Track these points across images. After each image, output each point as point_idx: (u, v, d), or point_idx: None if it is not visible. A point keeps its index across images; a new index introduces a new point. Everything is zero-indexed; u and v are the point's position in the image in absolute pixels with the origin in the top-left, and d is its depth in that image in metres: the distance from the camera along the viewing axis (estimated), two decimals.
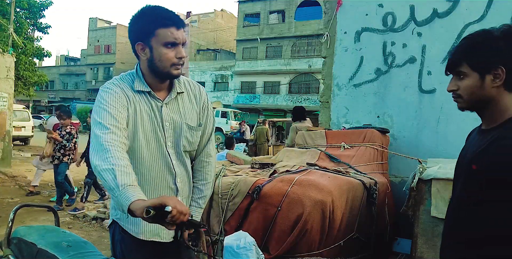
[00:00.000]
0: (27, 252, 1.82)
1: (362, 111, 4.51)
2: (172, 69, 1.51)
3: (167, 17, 1.45)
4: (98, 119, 1.40)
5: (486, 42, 1.24)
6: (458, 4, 3.96)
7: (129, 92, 1.51)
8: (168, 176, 1.57)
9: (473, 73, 1.26)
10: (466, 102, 1.31)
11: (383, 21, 4.41)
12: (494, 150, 1.19)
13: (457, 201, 1.34)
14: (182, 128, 1.59)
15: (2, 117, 8.64)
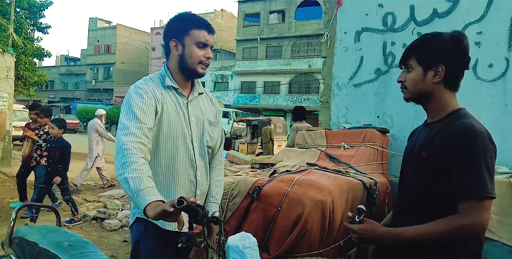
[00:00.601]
0: (29, 252, 1.83)
1: (362, 111, 4.52)
2: (199, 67, 1.66)
3: (201, 21, 1.64)
4: (123, 119, 1.52)
5: (435, 41, 1.41)
6: (458, 4, 3.97)
7: (158, 88, 1.64)
8: (190, 169, 1.67)
9: (418, 67, 1.41)
10: (410, 93, 1.45)
11: (383, 21, 4.42)
12: (439, 139, 1.33)
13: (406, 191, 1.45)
14: (205, 124, 1.73)
15: (2, 117, 8.64)
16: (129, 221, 5.44)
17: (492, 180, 1.24)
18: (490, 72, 3.73)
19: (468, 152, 1.25)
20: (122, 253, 4.11)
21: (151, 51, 39.93)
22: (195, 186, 1.69)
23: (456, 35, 1.40)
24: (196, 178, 1.68)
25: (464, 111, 1.40)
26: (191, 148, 1.67)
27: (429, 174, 1.34)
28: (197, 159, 1.69)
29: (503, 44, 3.70)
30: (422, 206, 1.36)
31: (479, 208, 1.21)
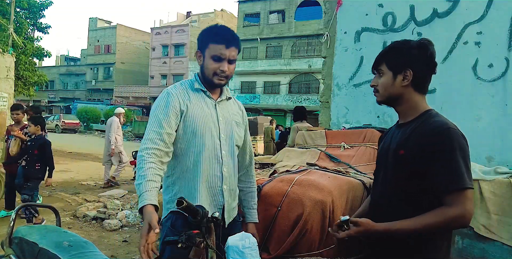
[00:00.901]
0: (29, 252, 1.83)
1: (362, 111, 4.51)
2: (215, 78, 1.78)
3: (222, 36, 1.75)
4: (149, 122, 1.72)
5: (403, 48, 1.52)
6: (458, 4, 3.97)
7: (186, 91, 1.81)
8: (216, 164, 1.78)
9: (389, 72, 1.52)
10: (381, 96, 1.56)
11: (383, 21, 4.42)
12: (414, 139, 1.43)
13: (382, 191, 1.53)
14: (232, 124, 1.88)
15: (2, 117, 8.64)
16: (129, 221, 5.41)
17: (469, 172, 1.34)
18: (490, 72, 3.73)
19: (445, 149, 1.34)
20: (122, 253, 4.11)
21: (151, 51, 39.92)
22: (221, 181, 1.78)
23: (422, 42, 1.50)
24: (222, 173, 1.78)
25: (434, 112, 1.51)
26: (218, 144, 1.78)
27: (406, 174, 1.42)
28: (224, 155, 1.80)
29: (503, 44, 3.69)
30: (399, 206, 1.43)
31: (464, 198, 1.31)
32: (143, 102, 38.57)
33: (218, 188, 1.78)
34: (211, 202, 1.76)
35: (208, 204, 1.74)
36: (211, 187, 1.76)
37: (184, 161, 1.76)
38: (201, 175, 1.74)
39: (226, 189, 1.80)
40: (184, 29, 38.05)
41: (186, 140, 1.75)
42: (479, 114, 3.68)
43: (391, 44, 1.58)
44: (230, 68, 1.78)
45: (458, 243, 2.55)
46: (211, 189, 1.77)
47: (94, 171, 10.07)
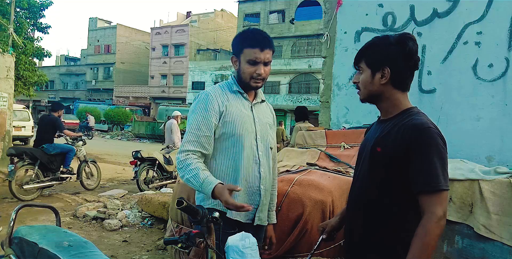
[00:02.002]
0: (29, 252, 1.83)
1: (362, 111, 4.52)
2: (252, 82, 1.84)
3: (255, 40, 1.80)
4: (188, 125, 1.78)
5: (381, 45, 1.48)
6: (458, 4, 3.97)
7: (225, 93, 1.86)
8: (254, 164, 1.83)
9: (367, 69, 1.50)
10: (363, 94, 1.54)
11: (383, 21, 4.42)
12: (393, 136, 1.41)
13: (360, 186, 1.52)
14: (267, 127, 1.93)
15: (2, 117, 8.64)
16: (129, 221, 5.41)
17: (445, 173, 1.32)
18: (490, 72, 3.73)
19: (421, 149, 1.32)
20: (122, 253, 4.11)
21: (151, 51, 39.92)
22: (259, 181, 1.84)
23: (401, 38, 1.45)
24: (260, 173, 1.84)
25: (416, 110, 1.47)
26: (255, 145, 1.84)
27: (383, 169, 1.41)
28: (261, 156, 1.85)
29: (503, 44, 3.69)
30: (377, 199, 1.43)
31: (439, 200, 1.28)
32: (143, 102, 38.57)
33: (256, 188, 1.83)
34: (248, 201, 1.80)
35: (245, 202, 1.77)
36: (249, 187, 1.81)
37: (223, 161, 1.81)
38: (241, 175, 1.79)
39: (263, 189, 1.85)
40: (184, 29, 38.04)
41: (225, 140, 1.79)
42: (479, 114, 3.68)
43: (371, 40, 1.55)
44: (266, 70, 1.82)
45: (458, 243, 2.55)
46: (249, 189, 1.81)
47: None
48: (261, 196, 1.85)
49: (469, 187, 2.53)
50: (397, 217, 1.39)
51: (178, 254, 3.26)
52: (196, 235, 1.39)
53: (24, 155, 6.33)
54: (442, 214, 1.27)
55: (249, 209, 1.53)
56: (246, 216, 1.82)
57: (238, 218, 1.79)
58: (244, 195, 1.80)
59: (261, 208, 1.87)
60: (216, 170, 1.81)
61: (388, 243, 1.39)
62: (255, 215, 1.86)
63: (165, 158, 7.93)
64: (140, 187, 7.40)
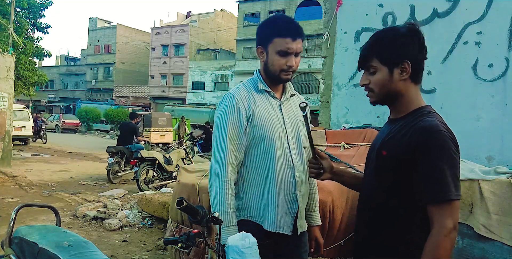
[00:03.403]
0: (29, 252, 1.83)
1: (362, 111, 4.52)
2: (282, 74, 1.67)
3: (286, 28, 1.64)
4: (217, 134, 1.67)
5: (394, 38, 1.34)
6: (458, 4, 3.97)
7: (250, 94, 1.71)
8: (287, 169, 1.68)
9: (383, 67, 1.34)
10: (378, 96, 1.39)
11: (383, 21, 4.42)
12: (399, 138, 1.30)
13: (369, 189, 1.43)
14: (298, 124, 1.76)
15: (2, 117, 8.64)
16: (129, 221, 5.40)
17: (456, 180, 1.21)
18: (490, 72, 3.73)
19: (430, 153, 1.21)
20: (122, 253, 4.11)
21: (151, 51, 39.92)
22: (294, 187, 1.69)
23: (412, 27, 1.35)
24: (295, 178, 1.69)
25: (428, 109, 1.36)
26: (287, 148, 1.69)
27: (391, 172, 1.32)
28: (294, 159, 1.70)
29: (503, 44, 3.69)
30: (384, 202, 1.36)
31: (449, 212, 1.19)
32: (143, 102, 38.57)
33: (292, 195, 1.69)
34: (287, 210, 1.67)
35: (284, 212, 1.66)
36: (285, 195, 1.67)
37: (255, 168, 1.68)
38: (275, 182, 1.65)
39: (299, 195, 1.70)
40: (184, 29, 38.04)
41: (255, 146, 1.67)
42: (479, 114, 3.68)
43: (376, 35, 1.39)
44: (297, 62, 1.67)
45: (458, 243, 2.55)
46: (286, 197, 1.67)
47: (94, 171, 10.06)
48: (299, 203, 1.70)
49: (469, 187, 2.53)
50: (404, 219, 1.34)
51: (178, 254, 3.26)
52: (196, 235, 1.39)
53: (119, 152, 8.39)
54: (453, 226, 1.17)
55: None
56: (288, 227, 1.69)
57: (281, 230, 1.66)
58: (281, 204, 1.66)
59: (300, 215, 1.73)
60: (246, 179, 1.69)
61: (391, 244, 1.35)
62: (296, 224, 1.71)
63: (165, 158, 7.93)
64: (140, 187, 7.41)
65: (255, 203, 1.67)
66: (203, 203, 3.09)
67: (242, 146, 1.66)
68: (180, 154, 8.37)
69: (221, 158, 1.62)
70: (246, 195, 1.68)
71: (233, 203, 1.62)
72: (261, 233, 1.62)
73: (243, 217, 1.68)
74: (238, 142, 1.64)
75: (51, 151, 14.89)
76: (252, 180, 1.68)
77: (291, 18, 1.72)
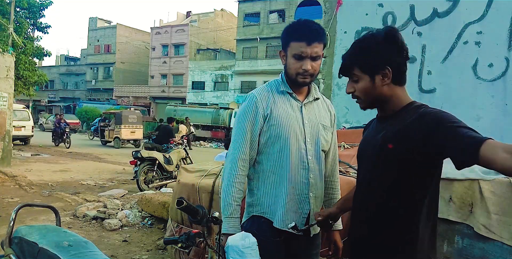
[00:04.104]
0: (29, 252, 1.83)
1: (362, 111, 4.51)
2: (298, 78, 1.70)
3: (302, 33, 1.67)
4: (235, 132, 1.74)
5: (372, 47, 1.38)
6: (458, 3, 3.97)
7: (271, 94, 1.76)
8: (302, 170, 1.71)
9: (364, 75, 1.39)
10: (365, 102, 1.45)
11: (383, 20, 4.42)
12: (405, 127, 1.33)
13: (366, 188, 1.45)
14: (319, 128, 1.78)
15: (2, 116, 8.64)
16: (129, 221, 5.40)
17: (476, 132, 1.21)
18: (490, 72, 3.73)
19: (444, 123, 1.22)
20: (122, 253, 4.11)
21: (151, 51, 39.91)
22: (307, 188, 1.72)
23: (389, 33, 1.39)
24: (309, 179, 1.72)
25: (418, 103, 1.41)
26: (303, 149, 1.72)
27: (393, 169, 1.34)
28: (310, 160, 1.73)
29: (503, 44, 3.69)
30: (384, 203, 1.37)
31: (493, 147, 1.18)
32: (143, 102, 38.55)
33: (305, 195, 1.71)
34: (297, 210, 1.70)
35: (293, 211, 1.69)
36: (297, 194, 1.70)
37: (269, 166, 1.72)
38: (288, 181, 1.69)
39: (312, 196, 1.73)
40: (184, 28, 38.03)
41: (272, 144, 1.71)
42: (479, 114, 3.68)
43: (356, 44, 1.44)
44: (314, 66, 1.68)
45: (458, 243, 2.55)
46: (297, 196, 1.70)
47: (94, 170, 10.07)
48: (311, 204, 1.72)
49: (469, 187, 2.53)
50: (404, 219, 1.35)
51: (178, 254, 3.26)
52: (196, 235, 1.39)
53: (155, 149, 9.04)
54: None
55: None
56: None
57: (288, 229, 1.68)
58: (292, 203, 1.69)
59: (312, 217, 1.73)
60: (261, 176, 1.74)
61: (391, 244, 1.36)
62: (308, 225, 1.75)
63: (165, 158, 7.93)
64: (140, 187, 7.41)
65: (267, 200, 1.71)
66: (203, 203, 3.09)
67: (255, 143, 1.71)
68: (180, 154, 8.37)
69: (234, 153, 1.70)
70: (260, 191, 1.73)
71: (239, 196, 1.68)
72: (273, 230, 1.68)
73: (256, 212, 1.73)
74: (252, 140, 1.70)
75: (51, 151, 14.90)
76: (266, 177, 1.72)
77: (311, 22, 1.73)
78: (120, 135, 17.73)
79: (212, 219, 1.45)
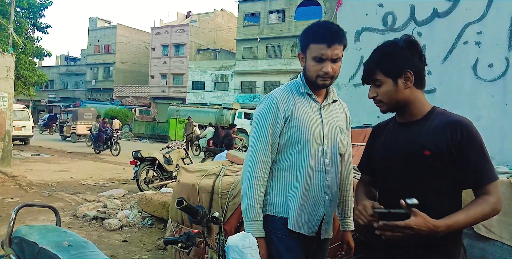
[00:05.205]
0: (29, 252, 1.83)
1: (362, 111, 4.51)
2: (318, 80, 1.68)
3: (322, 35, 1.64)
4: (254, 134, 1.71)
5: (394, 51, 1.48)
6: (458, 4, 3.97)
7: (291, 95, 1.73)
8: (319, 173, 1.70)
9: (387, 79, 1.48)
10: (387, 105, 1.53)
11: (383, 21, 4.42)
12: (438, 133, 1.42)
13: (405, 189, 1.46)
14: (337, 131, 1.78)
15: (2, 116, 8.64)
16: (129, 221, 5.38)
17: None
18: (490, 72, 3.73)
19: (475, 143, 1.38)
20: (122, 253, 4.11)
21: (151, 51, 39.91)
22: (323, 191, 1.71)
23: (410, 40, 1.49)
24: (325, 182, 1.71)
25: (440, 108, 1.53)
26: (321, 152, 1.71)
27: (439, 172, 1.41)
28: (327, 163, 1.72)
29: (503, 44, 3.69)
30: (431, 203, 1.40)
31: (497, 188, 1.40)
32: (143, 102, 38.56)
33: (320, 198, 1.71)
34: (311, 212, 1.69)
35: (307, 213, 1.68)
36: (312, 197, 1.69)
37: (286, 167, 1.70)
38: (304, 183, 1.67)
39: (327, 199, 1.72)
40: (184, 29, 38.03)
41: (291, 146, 1.69)
42: (479, 114, 3.68)
43: (377, 50, 1.52)
44: (334, 68, 1.66)
45: None
46: (312, 199, 1.69)
47: (94, 170, 10.07)
48: (326, 207, 1.72)
49: None
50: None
51: (178, 254, 3.26)
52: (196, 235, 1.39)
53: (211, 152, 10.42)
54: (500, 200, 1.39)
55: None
56: (310, 229, 1.70)
57: (301, 231, 1.68)
58: (307, 205, 1.68)
59: (327, 220, 1.74)
60: (276, 176, 1.71)
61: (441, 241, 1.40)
62: (321, 228, 1.74)
63: (165, 158, 7.93)
64: (140, 187, 7.41)
65: (281, 200, 1.69)
66: (203, 203, 3.09)
67: (276, 145, 1.69)
68: (180, 154, 8.37)
69: (254, 155, 1.67)
70: (274, 191, 1.71)
71: (261, 199, 1.66)
72: (287, 231, 1.67)
73: (269, 212, 1.71)
74: (273, 141, 1.68)
75: (51, 151, 14.90)
76: (282, 177, 1.70)
77: (331, 23, 1.71)
78: (76, 131, 19.73)
79: (212, 219, 1.45)
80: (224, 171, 3.28)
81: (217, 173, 3.24)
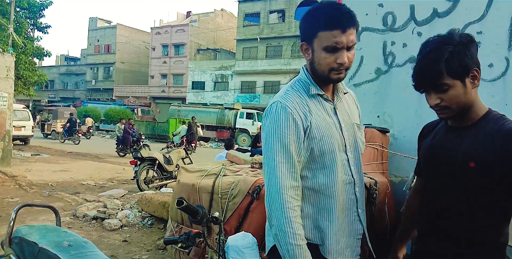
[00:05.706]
0: (29, 252, 1.83)
1: (362, 111, 4.48)
2: (332, 74, 1.39)
3: (332, 18, 1.37)
4: (273, 155, 1.35)
5: (459, 50, 1.29)
6: (458, 4, 3.97)
7: (303, 100, 1.43)
8: (348, 185, 1.45)
9: (455, 82, 1.30)
10: (454, 111, 1.34)
11: (383, 20, 4.41)
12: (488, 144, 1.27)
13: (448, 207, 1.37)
14: (354, 129, 1.52)
15: (2, 116, 8.64)
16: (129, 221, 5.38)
17: None
18: (490, 72, 3.72)
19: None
20: (122, 253, 4.11)
21: (151, 51, 39.91)
22: (355, 204, 1.46)
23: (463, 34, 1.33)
24: (355, 194, 1.46)
25: (496, 112, 1.37)
26: (345, 160, 1.45)
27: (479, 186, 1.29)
28: (353, 171, 1.46)
29: (503, 44, 3.69)
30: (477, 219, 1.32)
31: None
32: (143, 102, 38.57)
33: (354, 214, 1.46)
34: (349, 233, 1.44)
35: (347, 235, 1.43)
36: (347, 215, 1.44)
37: (314, 184, 1.40)
38: (337, 200, 1.40)
39: (360, 212, 1.47)
40: (184, 28, 38.04)
41: (312, 159, 1.40)
42: None
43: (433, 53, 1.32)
44: (349, 57, 1.37)
45: None
46: (347, 218, 1.44)
47: (94, 170, 10.07)
48: (362, 222, 1.48)
49: None
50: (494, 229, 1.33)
51: (178, 254, 3.26)
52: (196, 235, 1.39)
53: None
54: None
55: None
56: (353, 252, 1.46)
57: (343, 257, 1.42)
58: (344, 226, 1.43)
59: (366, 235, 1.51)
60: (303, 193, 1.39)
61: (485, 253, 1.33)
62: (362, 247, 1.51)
63: (165, 158, 7.93)
64: (140, 187, 7.41)
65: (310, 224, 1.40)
66: (203, 203, 3.09)
67: (301, 164, 1.39)
68: (180, 154, 8.38)
69: (279, 182, 1.33)
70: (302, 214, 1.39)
71: (303, 233, 1.33)
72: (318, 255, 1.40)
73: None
74: (298, 160, 1.37)
75: (51, 151, 14.90)
76: (310, 197, 1.41)
77: (338, 4, 1.43)
78: (56, 129, 20.63)
79: (212, 219, 1.45)
80: (224, 171, 3.28)
81: (217, 173, 3.24)
